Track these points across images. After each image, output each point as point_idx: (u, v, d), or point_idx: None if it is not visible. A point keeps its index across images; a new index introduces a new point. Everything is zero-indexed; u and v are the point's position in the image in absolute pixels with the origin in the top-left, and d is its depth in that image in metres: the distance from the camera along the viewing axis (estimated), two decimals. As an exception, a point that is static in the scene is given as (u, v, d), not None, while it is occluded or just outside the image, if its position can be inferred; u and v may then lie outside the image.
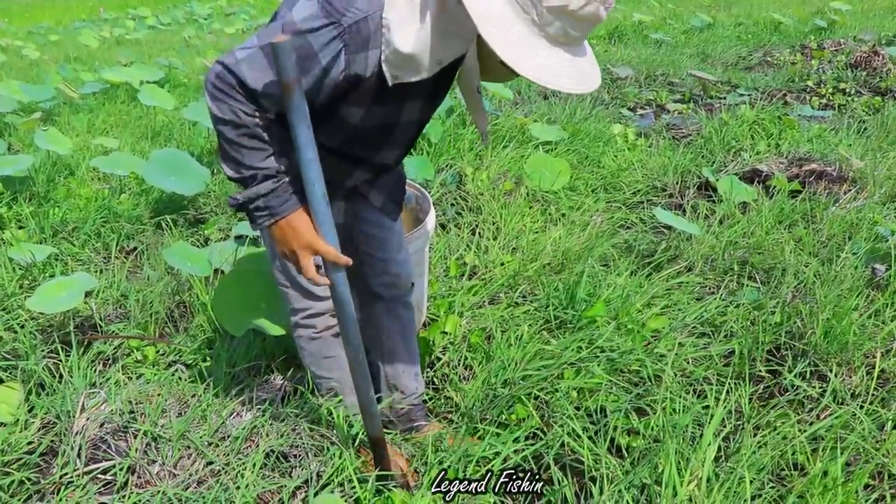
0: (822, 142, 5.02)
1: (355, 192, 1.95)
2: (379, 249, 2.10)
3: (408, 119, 1.73)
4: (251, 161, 1.54)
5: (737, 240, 3.50)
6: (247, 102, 1.48)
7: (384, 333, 2.26)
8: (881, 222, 3.63)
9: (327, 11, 1.42)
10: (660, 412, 2.28)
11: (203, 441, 2.18)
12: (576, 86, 1.42)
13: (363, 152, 1.81)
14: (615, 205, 4.13)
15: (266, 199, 1.57)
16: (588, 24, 1.40)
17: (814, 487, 2.01)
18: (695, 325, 2.88)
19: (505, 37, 1.36)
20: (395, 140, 1.79)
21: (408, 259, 2.20)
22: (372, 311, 2.24)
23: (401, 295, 2.22)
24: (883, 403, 2.42)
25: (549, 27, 1.37)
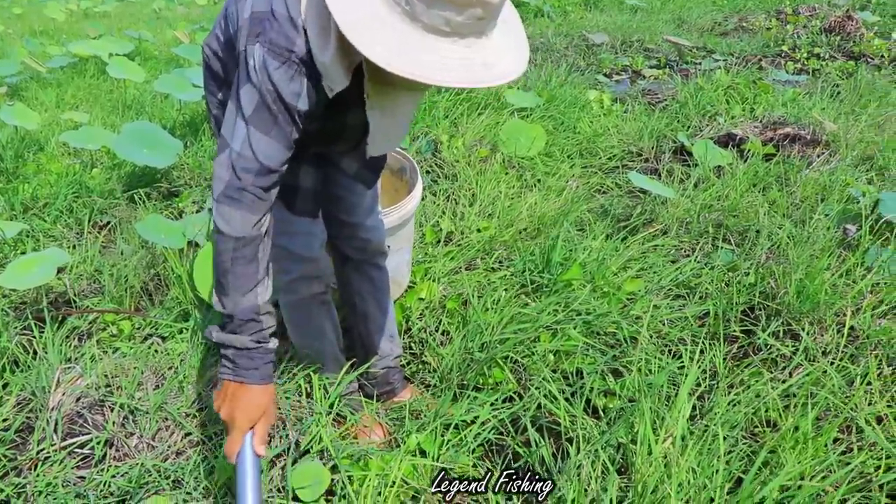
0: (796, 106, 5.04)
1: (326, 157, 1.94)
2: (349, 214, 2.09)
3: (354, 123, 1.73)
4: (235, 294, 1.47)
5: (711, 203, 3.52)
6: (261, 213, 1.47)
7: (356, 295, 2.26)
8: (853, 184, 3.66)
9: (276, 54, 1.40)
10: (635, 373, 2.30)
11: (181, 412, 2.17)
12: (466, 80, 1.27)
13: (317, 148, 1.83)
14: (591, 170, 4.13)
15: (236, 355, 1.50)
16: (473, 10, 1.22)
17: (785, 442, 2.04)
18: (670, 287, 2.90)
19: (373, 37, 1.26)
20: (345, 137, 1.82)
21: (379, 225, 2.19)
22: (343, 272, 2.24)
23: (371, 258, 2.22)
24: (852, 360, 2.46)
25: (424, 17, 1.22)
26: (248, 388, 1.50)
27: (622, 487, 1.91)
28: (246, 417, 1.50)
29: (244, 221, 1.45)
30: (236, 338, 1.49)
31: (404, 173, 2.79)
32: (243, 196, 1.44)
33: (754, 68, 6.27)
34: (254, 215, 1.46)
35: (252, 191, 1.44)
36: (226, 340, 1.50)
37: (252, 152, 1.42)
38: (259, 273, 1.49)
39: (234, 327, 1.49)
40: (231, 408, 1.50)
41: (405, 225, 2.54)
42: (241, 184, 1.43)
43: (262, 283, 1.50)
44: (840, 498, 1.87)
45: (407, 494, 1.99)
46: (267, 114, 1.42)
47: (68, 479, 1.98)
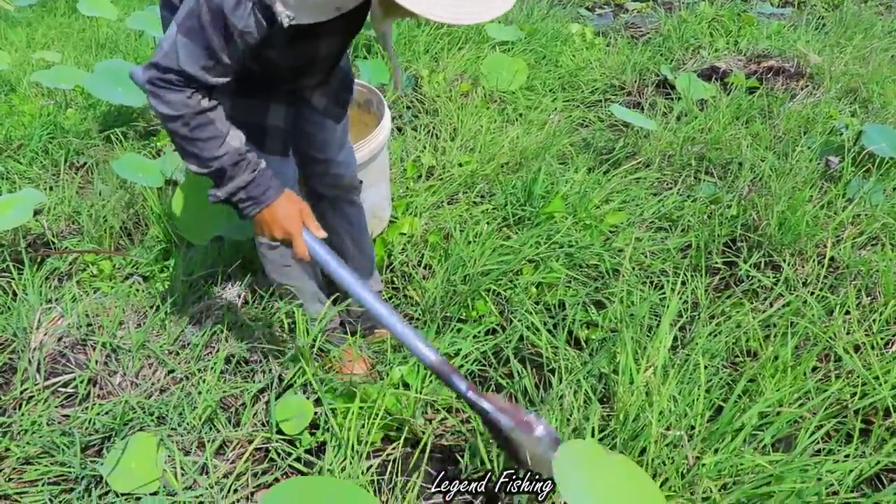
0: (780, 38, 4.99)
1: (296, 94, 1.90)
2: (320, 150, 2.06)
3: (327, 53, 1.73)
4: (211, 152, 1.54)
5: (694, 136, 3.50)
6: (191, 90, 1.48)
7: (332, 233, 2.23)
8: (837, 117, 3.65)
9: None
10: (617, 304, 2.30)
11: (163, 350, 2.16)
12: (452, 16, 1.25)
13: (285, 81, 1.80)
14: (573, 104, 4.09)
15: (247, 191, 1.60)
16: None
17: (765, 371, 2.07)
18: (652, 219, 2.90)
19: None
20: (315, 70, 1.80)
21: (350, 160, 2.16)
22: (317, 210, 2.21)
23: (344, 194, 2.19)
24: (832, 290, 2.48)
25: None
26: (276, 203, 1.63)
27: (604, 416, 1.92)
28: (293, 223, 1.65)
29: (179, 100, 1.48)
30: (238, 180, 1.58)
31: (371, 106, 2.74)
32: (168, 81, 1.46)
33: (739, 0, 6.19)
34: (185, 92, 1.48)
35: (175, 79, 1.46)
36: (230, 189, 1.59)
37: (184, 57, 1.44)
38: (221, 129, 1.55)
39: (229, 176, 1.58)
40: (279, 227, 1.65)
41: (377, 158, 2.50)
42: (165, 76, 1.46)
43: (229, 133, 1.56)
44: (817, 423, 1.90)
45: (391, 426, 2.01)
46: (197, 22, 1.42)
47: (53, 418, 1.98)
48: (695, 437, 1.83)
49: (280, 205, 1.65)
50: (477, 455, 1.86)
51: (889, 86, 4.06)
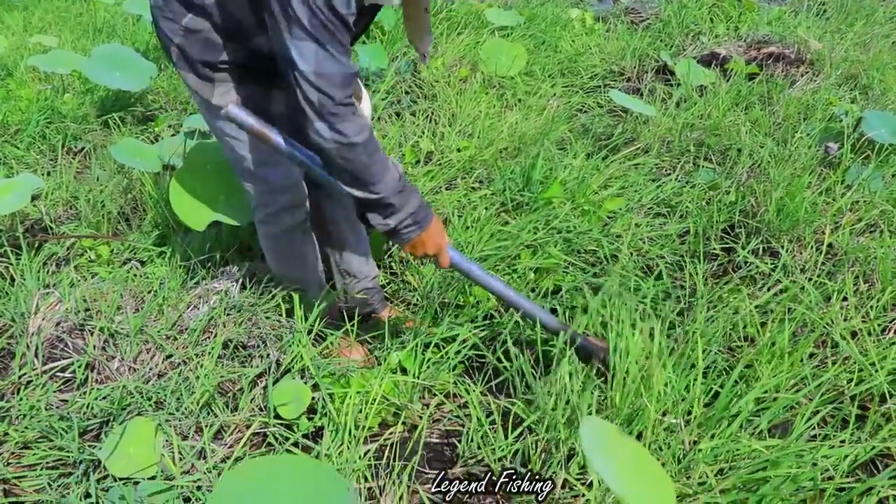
0: (781, 24, 4.97)
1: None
2: None
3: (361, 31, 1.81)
4: (382, 176, 1.61)
5: (693, 122, 3.49)
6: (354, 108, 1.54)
7: (330, 223, 2.24)
8: (836, 103, 3.64)
9: None
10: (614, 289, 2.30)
11: (161, 335, 2.16)
12: None
13: None
14: (572, 89, 4.08)
15: (415, 216, 1.69)
16: None
17: (762, 356, 2.07)
18: (651, 205, 2.90)
19: None
20: None
21: None
22: (314, 200, 2.21)
23: None
24: (830, 276, 2.48)
25: None
26: (431, 224, 1.75)
27: (601, 401, 1.93)
28: (442, 238, 1.79)
29: (356, 126, 1.53)
30: (409, 205, 1.68)
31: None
32: (341, 110, 1.50)
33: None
34: (358, 120, 1.54)
35: (346, 102, 1.51)
36: (404, 216, 1.68)
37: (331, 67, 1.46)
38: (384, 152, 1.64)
39: (402, 201, 1.66)
40: (433, 243, 1.76)
41: None
42: (336, 100, 1.48)
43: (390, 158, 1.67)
44: (813, 409, 1.90)
45: (388, 411, 2.01)
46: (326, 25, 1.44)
47: (51, 403, 1.98)
48: (691, 422, 1.83)
49: (434, 224, 1.77)
50: (474, 440, 1.86)
51: (889, 72, 4.05)
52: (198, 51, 1.73)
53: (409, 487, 1.82)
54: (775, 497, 1.66)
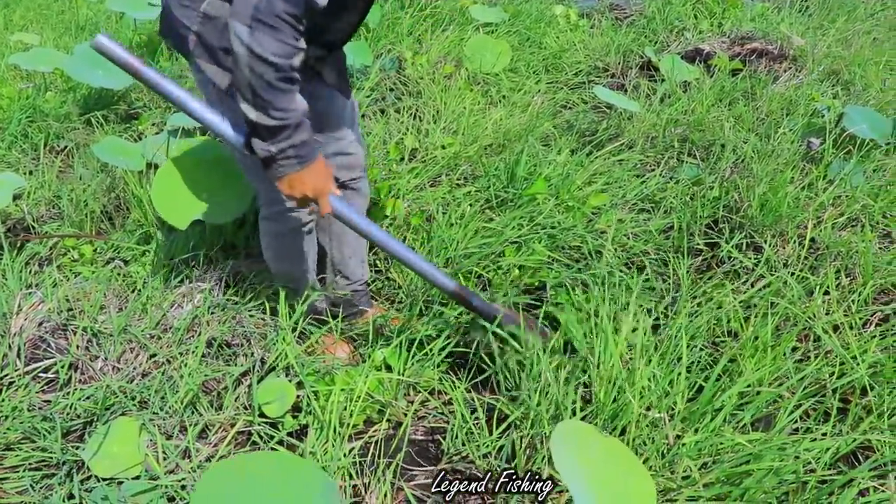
0: (764, 20, 4.99)
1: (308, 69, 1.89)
2: (335, 128, 2.05)
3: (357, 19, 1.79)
4: (283, 104, 1.56)
5: (677, 117, 3.50)
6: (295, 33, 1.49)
7: (334, 221, 2.22)
8: (819, 99, 3.66)
9: None
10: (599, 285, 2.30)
11: (145, 334, 2.15)
12: None
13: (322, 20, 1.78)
14: (557, 85, 4.08)
15: (298, 149, 1.64)
16: None
17: (745, 351, 2.08)
18: (635, 201, 2.91)
19: None
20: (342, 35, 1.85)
21: (360, 139, 2.17)
22: None
23: (355, 178, 2.17)
24: (812, 271, 2.50)
25: None
26: (314, 163, 1.69)
27: (584, 396, 1.93)
28: (326, 183, 1.74)
29: (280, 47, 1.48)
30: (294, 138, 1.62)
31: None
32: (277, 22, 1.45)
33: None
34: (287, 43, 1.49)
35: (286, 18, 1.46)
36: (284, 145, 1.62)
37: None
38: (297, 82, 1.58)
39: (290, 132, 1.60)
40: (312, 185, 1.70)
41: None
42: (274, 9, 1.44)
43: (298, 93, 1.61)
44: (795, 402, 1.92)
45: (373, 408, 2.01)
46: None
47: (34, 403, 1.97)
48: (675, 416, 1.84)
49: (317, 165, 1.71)
50: (458, 437, 1.87)
51: (871, 68, 4.08)
52: (217, 37, 1.71)
53: (394, 485, 1.82)
54: (758, 490, 1.67)
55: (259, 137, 1.62)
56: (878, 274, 2.41)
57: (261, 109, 1.56)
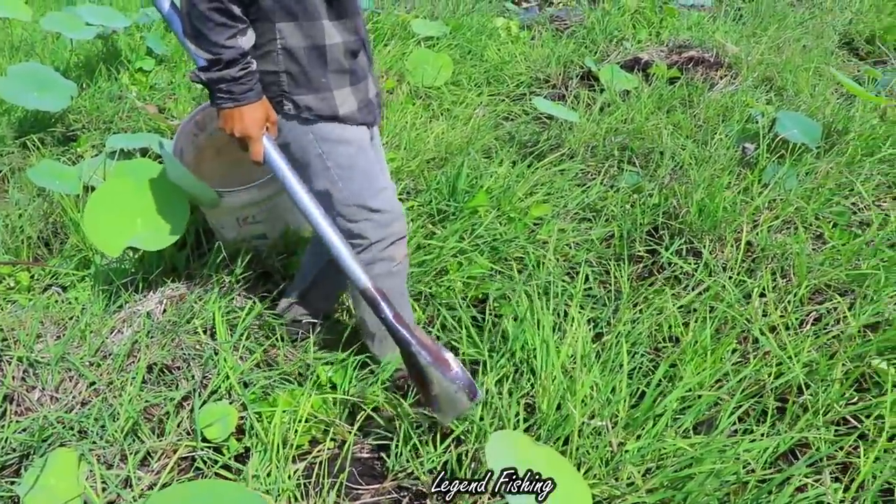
0: (700, 29, 5.11)
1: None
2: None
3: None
4: (217, 38, 1.60)
5: (617, 126, 3.55)
6: None
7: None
8: (753, 105, 3.75)
9: None
10: (542, 296, 2.32)
11: (84, 362, 2.11)
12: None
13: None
14: (498, 97, 4.12)
15: (230, 85, 1.66)
16: None
17: (686, 355, 2.11)
18: (577, 210, 2.94)
19: None
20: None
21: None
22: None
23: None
24: (749, 273, 2.55)
25: None
26: (249, 106, 1.71)
27: (528, 408, 1.94)
28: (258, 127, 1.74)
29: None
30: (226, 72, 1.65)
31: None
32: None
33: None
34: None
35: None
36: (215, 77, 1.65)
37: None
38: (238, 24, 1.63)
39: (222, 66, 1.64)
40: (242, 127, 1.72)
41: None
42: None
43: (243, 32, 1.65)
44: (735, 404, 1.95)
45: (318, 428, 1.99)
46: None
47: (-35, 439, 1.92)
48: (618, 424, 1.86)
49: (252, 108, 1.71)
50: (403, 453, 1.86)
51: (801, 74, 4.19)
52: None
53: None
54: (700, 493, 1.69)
55: (198, 66, 1.68)
56: (811, 274, 2.47)
57: (196, 40, 1.63)
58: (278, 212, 2.52)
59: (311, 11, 1.72)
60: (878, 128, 3.37)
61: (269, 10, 1.68)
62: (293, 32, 1.72)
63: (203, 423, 1.93)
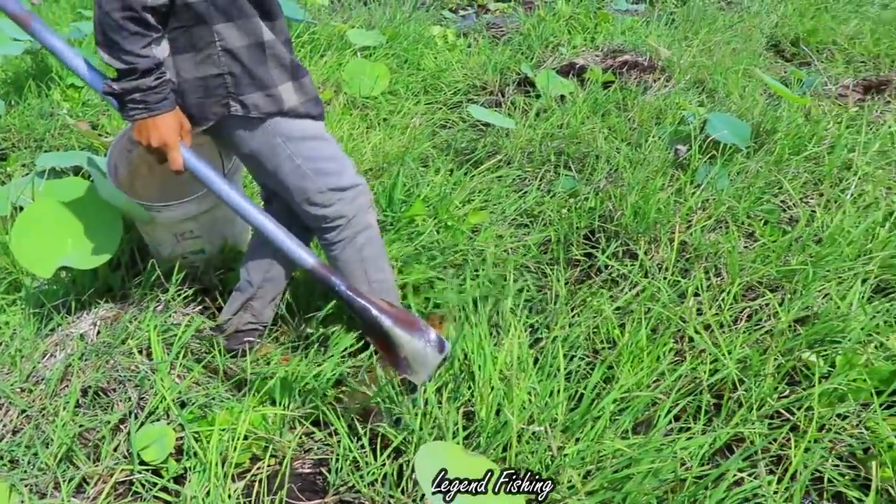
0: (634, 34, 5.19)
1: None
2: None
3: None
4: (132, 47, 1.59)
5: (553, 131, 3.59)
6: None
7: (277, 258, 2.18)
8: (686, 107, 3.81)
9: None
10: (480, 302, 2.33)
11: (14, 388, 2.06)
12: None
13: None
14: (435, 106, 4.13)
15: (144, 95, 1.66)
16: None
17: (623, 357, 2.14)
18: (514, 216, 2.95)
19: None
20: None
21: None
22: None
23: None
24: (684, 273, 2.59)
25: None
26: (164, 115, 1.71)
27: (467, 415, 1.95)
28: (174, 136, 1.74)
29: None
30: (141, 82, 1.64)
31: None
32: None
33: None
34: None
35: None
36: (129, 87, 1.65)
37: None
38: (152, 33, 1.62)
39: (137, 76, 1.64)
40: (159, 136, 1.72)
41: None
42: None
43: (159, 40, 1.66)
44: (672, 403, 1.98)
45: (258, 445, 1.97)
46: None
47: None
48: (556, 427, 1.87)
49: (167, 117, 1.72)
50: (343, 467, 1.85)
51: (731, 76, 4.29)
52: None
53: (279, 522, 1.79)
54: (639, 493, 1.72)
55: (112, 77, 1.67)
56: (744, 272, 2.52)
57: (110, 50, 1.61)
58: (217, 226, 2.49)
59: (247, 10, 1.75)
60: (803, 127, 3.46)
61: (204, 13, 1.69)
62: (232, 33, 1.74)
63: (139, 445, 1.90)
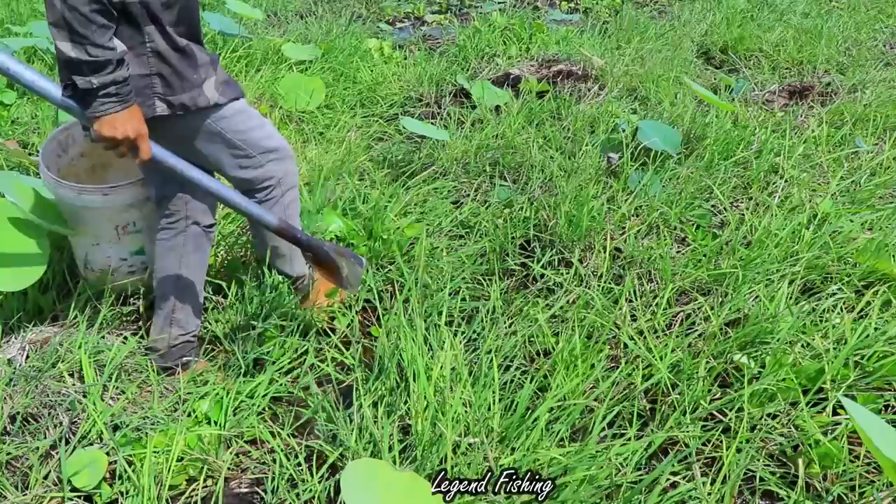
0: (568, 43, 5.25)
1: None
2: None
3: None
4: (100, 40, 1.59)
5: (489, 142, 3.61)
6: None
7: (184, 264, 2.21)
8: (620, 115, 3.87)
9: None
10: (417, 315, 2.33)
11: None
12: None
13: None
14: (371, 119, 4.13)
15: (119, 87, 1.67)
16: None
17: (558, 365, 2.15)
18: (450, 228, 2.96)
19: None
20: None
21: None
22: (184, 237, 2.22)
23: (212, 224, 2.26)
24: (618, 280, 2.63)
25: None
26: (134, 107, 1.74)
27: (403, 429, 1.94)
28: (144, 126, 1.76)
29: None
30: (116, 74, 1.65)
31: None
32: None
33: (530, 9, 6.47)
34: None
35: None
36: (106, 81, 1.64)
37: None
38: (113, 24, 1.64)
39: (112, 68, 1.64)
40: (133, 127, 1.73)
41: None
42: None
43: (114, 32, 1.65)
44: (607, 409, 2.00)
45: (194, 466, 1.94)
46: None
47: None
48: (492, 438, 1.88)
49: (135, 107, 1.74)
50: (280, 486, 1.83)
51: (662, 84, 4.37)
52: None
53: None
54: (574, 500, 1.73)
55: (79, 74, 1.62)
56: (676, 277, 2.56)
57: (79, 45, 1.58)
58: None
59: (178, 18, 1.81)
60: (731, 132, 3.54)
61: (137, 14, 1.72)
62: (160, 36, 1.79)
63: (71, 471, 1.86)
